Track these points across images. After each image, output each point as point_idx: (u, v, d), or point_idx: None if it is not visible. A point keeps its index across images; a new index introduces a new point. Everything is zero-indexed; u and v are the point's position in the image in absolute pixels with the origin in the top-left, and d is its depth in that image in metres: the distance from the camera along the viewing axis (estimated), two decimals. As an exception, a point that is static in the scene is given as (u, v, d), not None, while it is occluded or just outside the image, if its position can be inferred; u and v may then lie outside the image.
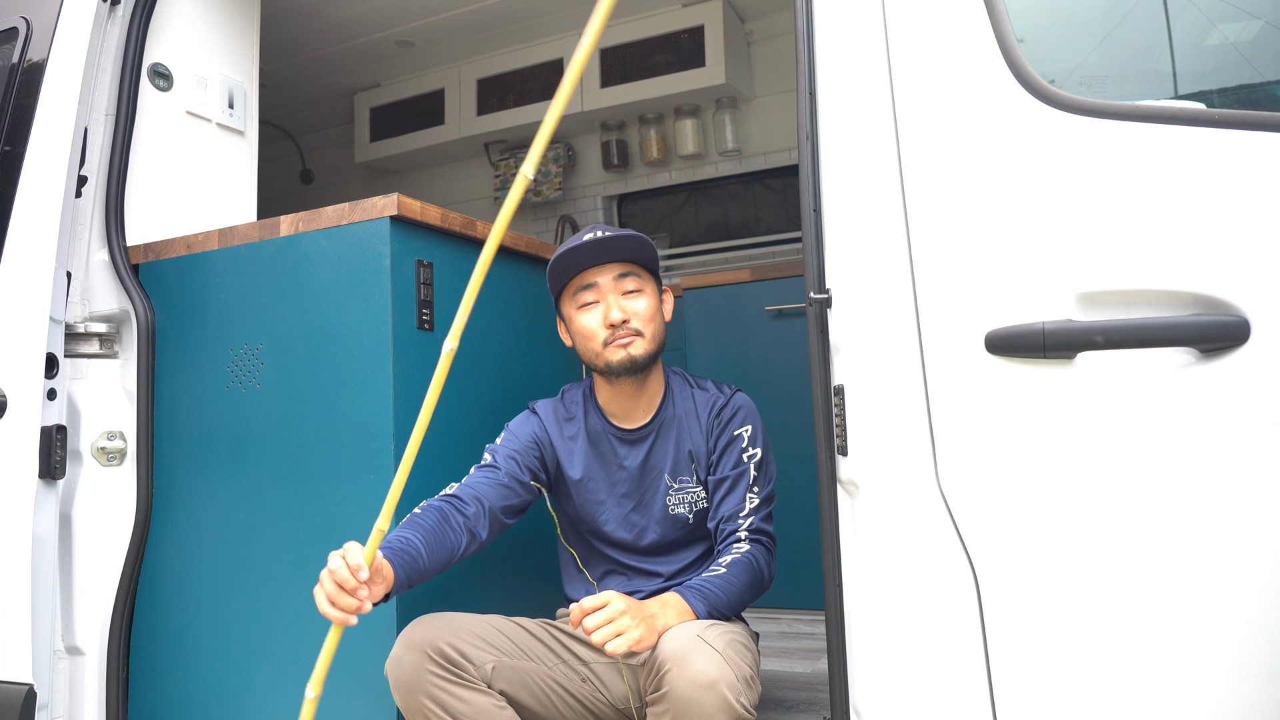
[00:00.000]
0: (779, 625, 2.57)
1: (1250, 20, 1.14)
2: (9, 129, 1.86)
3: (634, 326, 1.54)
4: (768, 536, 1.55)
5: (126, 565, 1.84)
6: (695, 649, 1.26)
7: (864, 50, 1.17)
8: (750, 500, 1.55)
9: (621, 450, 1.63)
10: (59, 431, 1.75)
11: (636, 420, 1.63)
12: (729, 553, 1.51)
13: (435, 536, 1.38)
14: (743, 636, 1.41)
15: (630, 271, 1.57)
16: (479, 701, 1.39)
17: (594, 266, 1.56)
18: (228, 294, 1.82)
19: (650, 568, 1.63)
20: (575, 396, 1.68)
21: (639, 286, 1.57)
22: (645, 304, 1.56)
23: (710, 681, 1.23)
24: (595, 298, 1.56)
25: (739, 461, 1.57)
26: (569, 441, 1.64)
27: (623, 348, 1.54)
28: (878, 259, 1.14)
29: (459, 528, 1.43)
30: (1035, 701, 1.03)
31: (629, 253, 1.56)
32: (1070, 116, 1.06)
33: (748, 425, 1.59)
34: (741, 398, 1.63)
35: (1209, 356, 0.98)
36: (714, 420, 1.60)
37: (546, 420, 1.65)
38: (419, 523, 1.39)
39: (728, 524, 1.55)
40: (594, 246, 1.54)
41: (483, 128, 3.73)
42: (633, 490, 1.62)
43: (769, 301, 2.74)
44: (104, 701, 1.82)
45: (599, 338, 1.55)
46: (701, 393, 1.64)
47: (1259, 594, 0.95)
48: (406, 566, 1.30)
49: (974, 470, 1.06)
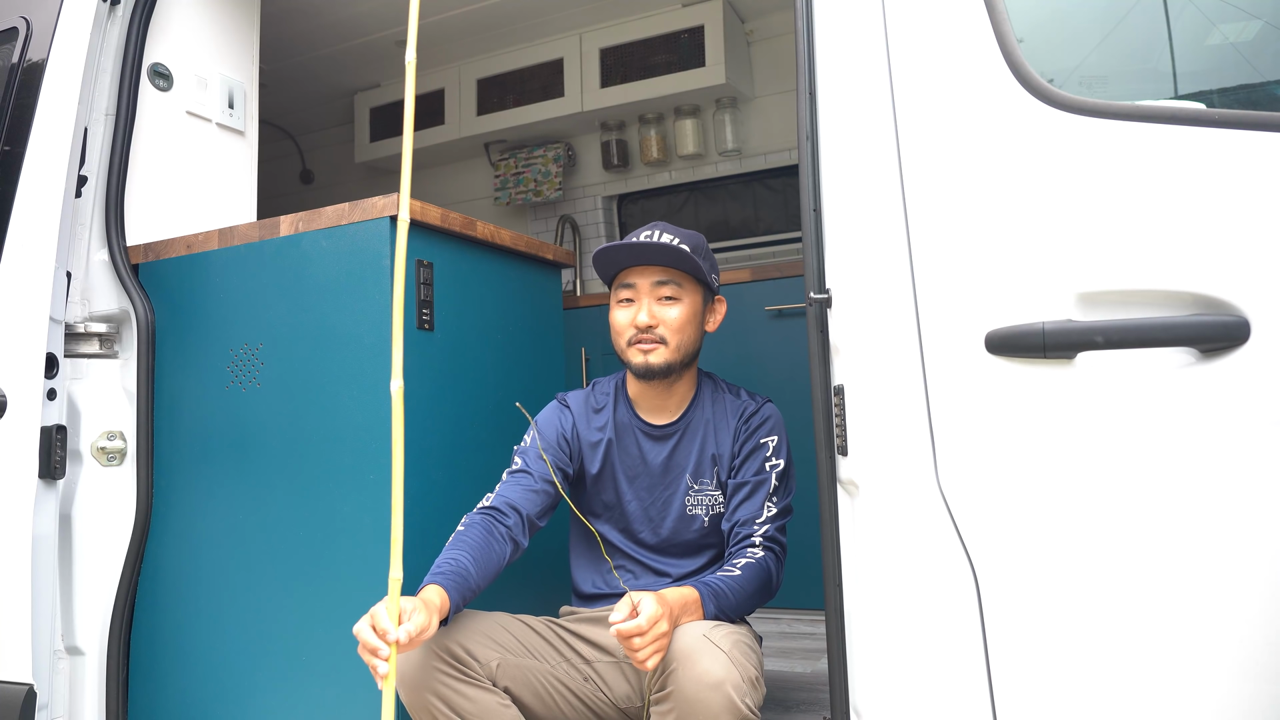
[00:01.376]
0: (779, 625, 2.57)
1: (1250, 20, 1.14)
2: (9, 129, 1.86)
3: (659, 334, 1.56)
4: (780, 546, 1.56)
5: (126, 565, 1.84)
6: (702, 649, 1.27)
7: (864, 50, 1.17)
8: (769, 509, 1.56)
9: (646, 445, 1.64)
10: (59, 431, 1.75)
11: (664, 417, 1.65)
12: (743, 555, 1.52)
13: (483, 552, 1.42)
14: (748, 638, 1.41)
15: (670, 279, 1.58)
16: (484, 699, 1.39)
17: (636, 266, 1.59)
18: (228, 294, 1.82)
19: (660, 567, 1.63)
20: (607, 388, 1.70)
21: (676, 295, 1.58)
22: (677, 313, 1.58)
23: (716, 681, 1.24)
24: (632, 296, 1.60)
25: (761, 469, 1.58)
26: (596, 433, 1.66)
27: (643, 353, 1.57)
28: (878, 259, 1.14)
29: (503, 538, 1.47)
30: (1035, 701, 1.02)
31: (672, 261, 1.57)
32: (1070, 116, 1.06)
33: (774, 435, 1.61)
34: (771, 408, 1.65)
35: (1209, 356, 0.98)
36: (742, 425, 1.62)
37: (576, 412, 1.67)
38: (465, 540, 1.43)
39: (743, 528, 1.55)
40: (638, 249, 1.57)
41: (483, 128, 3.73)
42: (653, 486, 1.64)
43: (769, 301, 2.74)
44: (104, 701, 1.82)
45: (625, 336, 1.59)
46: (733, 398, 1.66)
47: (1259, 593, 0.95)
48: (459, 587, 1.35)
49: (974, 470, 1.06)
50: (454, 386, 1.77)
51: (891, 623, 1.11)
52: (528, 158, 3.87)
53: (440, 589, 1.32)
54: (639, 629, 1.25)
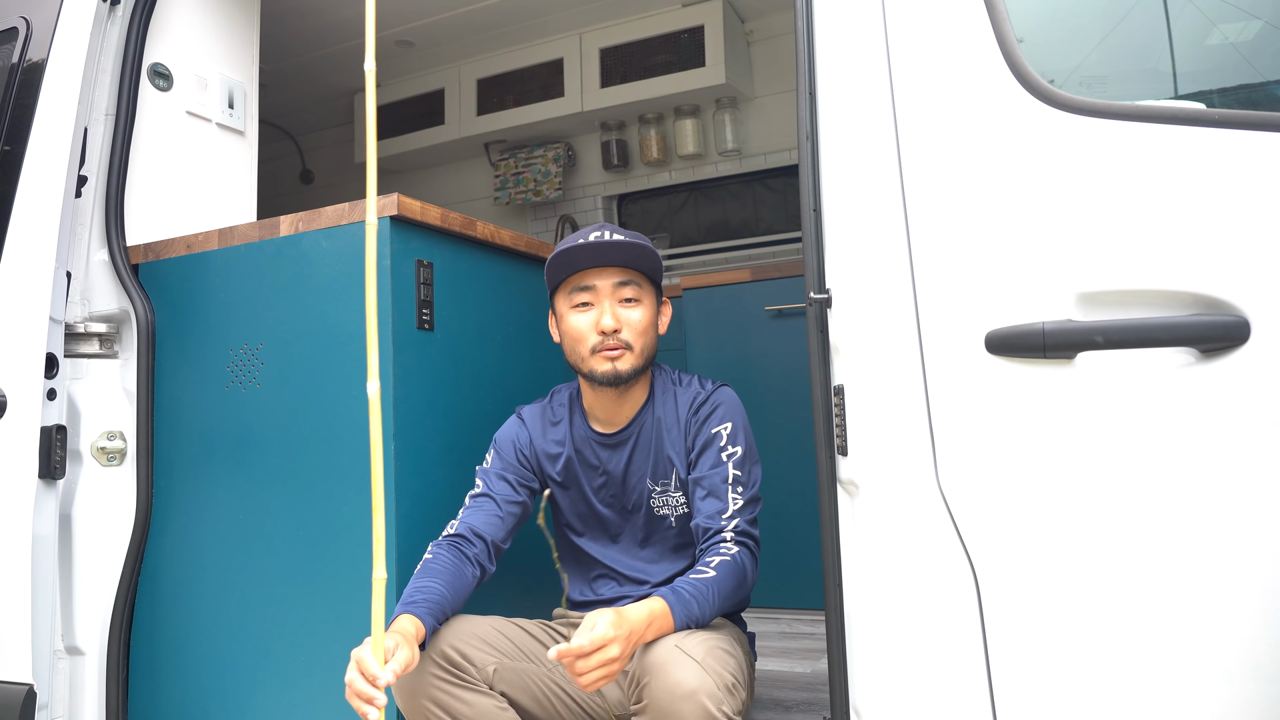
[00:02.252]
0: (779, 625, 2.56)
1: (1250, 20, 1.14)
2: (9, 129, 1.86)
3: (625, 338, 1.51)
4: (754, 540, 1.49)
5: (126, 565, 1.84)
6: (673, 659, 1.24)
7: (864, 50, 1.17)
8: (734, 501, 1.48)
9: (604, 454, 1.61)
10: (59, 431, 1.75)
11: (616, 425, 1.60)
12: (715, 554, 1.44)
13: (455, 577, 1.43)
14: (725, 643, 1.34)
15: (631, 280, 1.53)
16: (481, 703, 1.39)
17: (596, 268, 1.53)
18: (228, 294, 1.82)
19: (638, 575, 1.61)
20: (563, 399, 1.66)
21: (637, 296, 1.53)
22: (641, 315, 1.53)
23: (689, 692, 1.21)
24: (591, 300, 1.53)
25: (717, 461, 1.51)
26: (555, 445, 1.63)
27: (609, 360, 1.51)
28: (878, 259, 1.14)
29: (472, 561, 1.47)
30: (1035, 701, 1.02)
31: (633, 260, 1.52)
32: (1070, 116, 1.06)
33: (727, 422, 1.53)
34: (724, 393, 1.57)
35: (1209, 356, 0.98)
36: (692, 417, 1.55)
37: (533, 427, 1.64)
38: (435, 568, 1.43)
39: (711, 522, 1.48)
40: (599, 248, 1.51)
41: (483, 128, 3.73)
42: (618, 494, 1.61)
43: (769, 301, 2.74)
44: (104, 701, 1.82)
45: (588, 342, 1.52)
46: (684, 390, 1.59)
47: (1259, 594, 0.95)
48: (435, 614, 1.36)
49: (974, 470, 1.06)
50: (454, 386, 1.77)
51: (891, 623, 1.11)
52: (528, 158, 3.87)
53: (416, 620, 1.32)
54: (580, 650, 1.20)
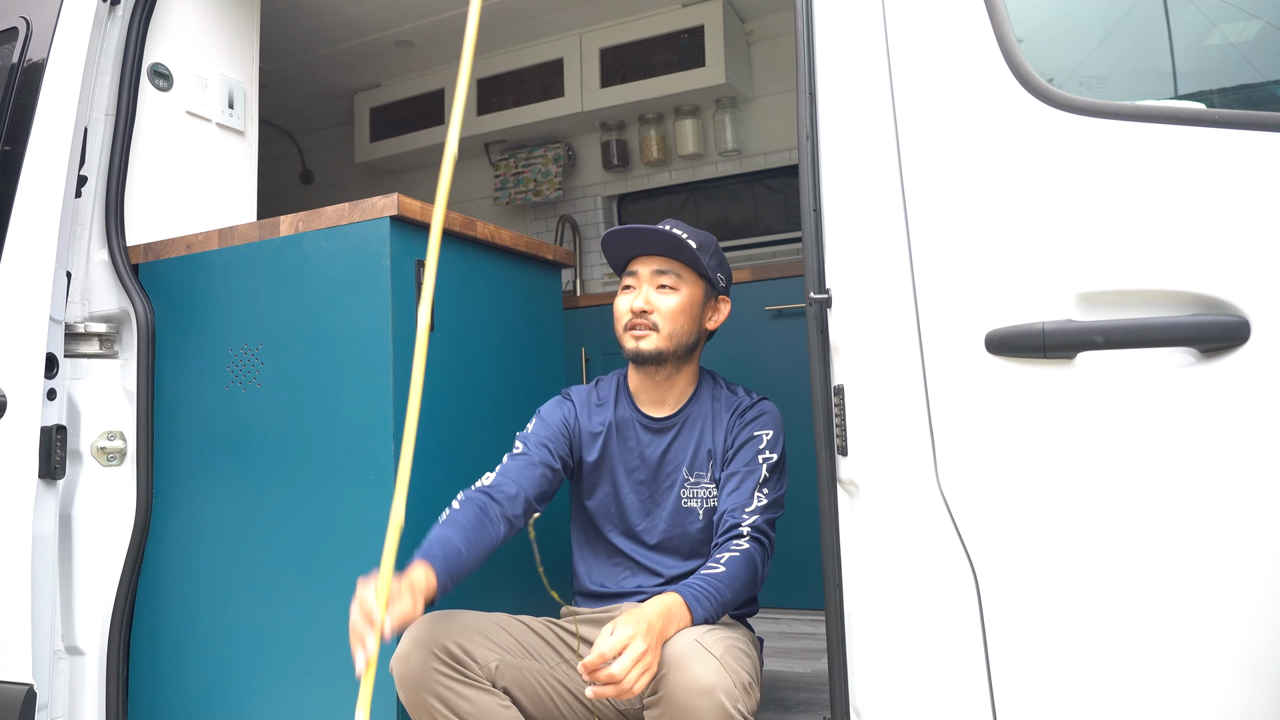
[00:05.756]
0: (779, 625, 2.57)
1: (1250, 20, 1.14)
2: (9, 129, 1.87)
3: (652, 320, 1.59)
4: (768, 540, 1.54)
5: (126, 565, 1.84)
6: (693, 654, 1.26)
7: (864, 50, 1.17)
8: (758, 499, 1.54)
9: (645, 438, 1.66)
10: (59, 431, 1.75)
11: (664, 410, 1.67)
12: (728, 550, 1.49)
13: (474, 531, 1.42)
14: (742, 643, 1.40)
15: (670, 269, 1.62)
16: (484, 700, 1.39)
17: (642, 256, 1.64)
18: (228, 294, 1.82)
19: (655, 565, 1.63)
20: (609, 384, 1.72)
21: (674, 285, 1.61)
22: (673, 302, 1.61)
23: (707, 688, 1.23)
24: (633, 284, 1.64)
25: (753, 460, 1.58)
26: (598, 425, 1.67)
27: (635, 339, 1.60)
28: (878, 259, 1.14)
29: (496, 517, 1.47)
30: (1035, 701, 1.03)
31: (670, 249, 1.60)
32: (1070, 116, 1.06)
33: (768, 429, 1.61)
34: (768, 405, 1.65)
35: (1209, 356, 0.98)
36: (736, 419, 1.63)
37: (579, 404, 1.69)
38: (457, 520, 1.43)
39: (731, 515, 1.54)
40: (637, 233, 1.61)
41: (483, 128, 3.73)
42: (649, 479, 1.65)
43: (769, 301, 2.74)
44: (104, 701, 1.82)
45: (622, 321, 1.63)
46: (730, 394, 1.67)
47: (1259, 593, 0.95)
48: (449, 568, 1.35)
49: (974, 470, 1.06)
50: (454, 386, 1.77)
51: (891, 623, 1.11)
52: (528, 158, 3.87)
53: (428, 568, 1.31)
54: (603, 656, 1.21)
